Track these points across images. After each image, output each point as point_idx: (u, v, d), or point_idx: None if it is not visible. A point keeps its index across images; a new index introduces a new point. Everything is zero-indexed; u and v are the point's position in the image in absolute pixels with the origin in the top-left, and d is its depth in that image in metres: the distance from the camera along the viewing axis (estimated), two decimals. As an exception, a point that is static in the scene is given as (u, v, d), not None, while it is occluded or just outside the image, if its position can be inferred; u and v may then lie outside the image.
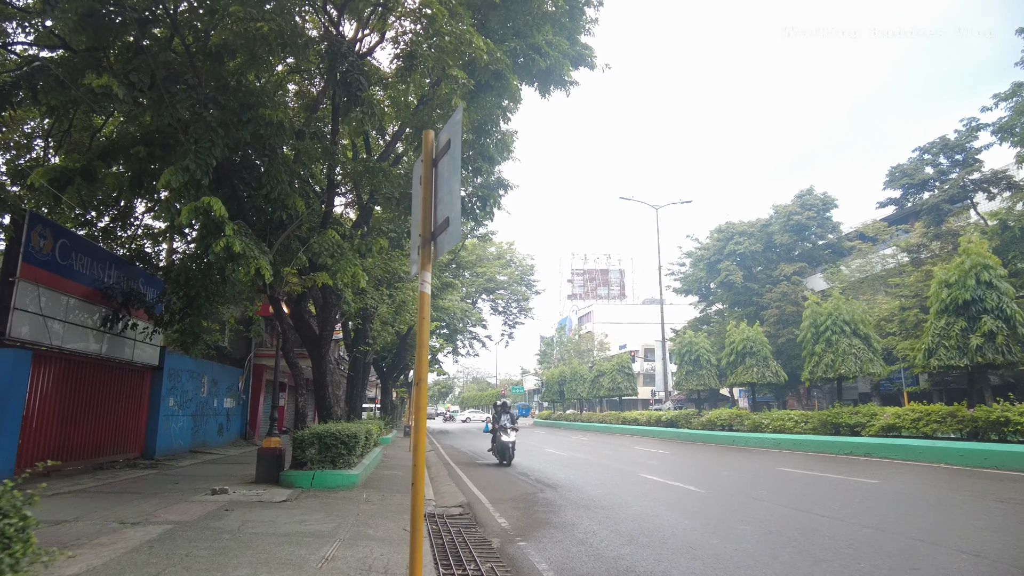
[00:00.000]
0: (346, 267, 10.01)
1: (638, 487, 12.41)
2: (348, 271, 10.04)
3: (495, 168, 24.04)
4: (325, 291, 13.51)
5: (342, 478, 10.98)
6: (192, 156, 8.80)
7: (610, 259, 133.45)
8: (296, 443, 11.08)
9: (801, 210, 46.12)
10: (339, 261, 10.07)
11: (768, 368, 25.34)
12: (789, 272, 44.98)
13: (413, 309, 21.88)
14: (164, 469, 14.28)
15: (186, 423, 18.75)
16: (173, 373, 17.71)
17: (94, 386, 13.67)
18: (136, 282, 14.79)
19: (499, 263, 52.51)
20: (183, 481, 12.01)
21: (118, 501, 9.25)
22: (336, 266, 10.02)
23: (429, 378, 29.16)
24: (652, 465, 16.98)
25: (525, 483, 13.29)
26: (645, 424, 34.88)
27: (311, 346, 13.76)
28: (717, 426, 27.18)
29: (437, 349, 45.32)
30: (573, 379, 49.85)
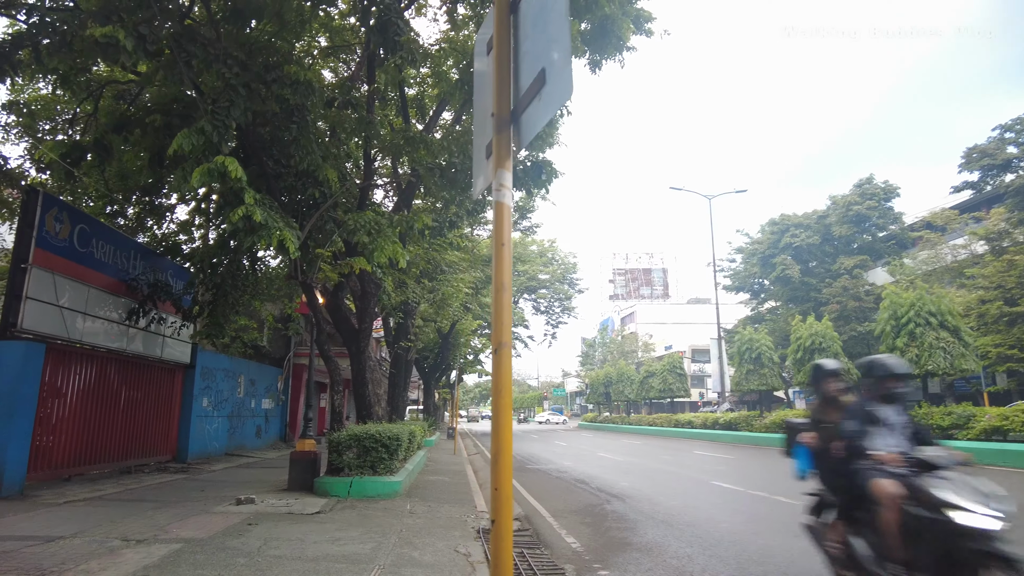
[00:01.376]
0: (384, 244, 8.75)
1: (718, 498, 10.84)
2: (387, 249, 8.78)
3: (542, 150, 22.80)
4: (363, 279, 12.31)
5: (383, 486, 9.71)
6: (208, 117, 7.65)
7: (652, 258, 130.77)
8: (332, 446, 9.87)
9: (861, 200, 43.43)
10: (376, 239, 8.82)
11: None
12: (850, 265, 42.38)
13: (456, 304, 20.64)
14: (194, 474, 13.28)
15: (221, 425, 17.84)
16: (206, 372, 16.79)
17: (120, 385, 12.74)
18: (164, 274, 13.86)
19: (541, 261, 51.10)
20: (211, 487, 10.93)
21: (131, 511, 8.14)
22: (373, 244, 8.77)
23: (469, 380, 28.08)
24: (721, 471, 15.33)
25: (585, 492, 11.83)
26: (700, 427, 32.96)
27: (349, 340, 12.58)
28: (781, 428, 25.18)
29: (479, 349, 44.10)
30: (620, 380, 48.06)
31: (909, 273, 37.12)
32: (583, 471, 15.70)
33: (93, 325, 11.52)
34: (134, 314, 12.54)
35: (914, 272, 37.58)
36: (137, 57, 7.44)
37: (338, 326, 12.77)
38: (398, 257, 9.03)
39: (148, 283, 12.88)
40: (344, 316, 12.82)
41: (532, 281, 49.54)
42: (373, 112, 10.73)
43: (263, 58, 8.77)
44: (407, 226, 9.27)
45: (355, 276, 12.58)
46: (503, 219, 2.15)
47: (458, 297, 18.94)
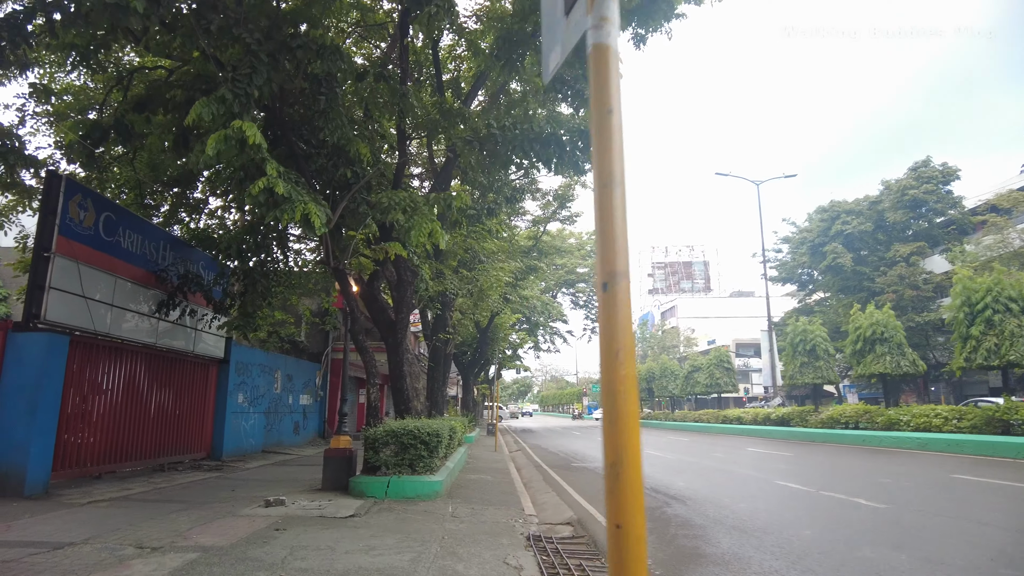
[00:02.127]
0: (421, 223, 7.99)
1: (788, 500, 9.82)
2: (424, 228, 8.02)
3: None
4: (399, 267, 11.62)
5: (422, 486, 8.97)
6: (229, 85, 6.98)
7: (693, 251, 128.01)
8: (368, 443, 9.17)
9: (917, 183, 41.20)
10: (412, 217, 8.07)
11: (904, 356, 21.78)
12: (906, 253, 40.29)
13: (495, 296, 19.86)
14: (228, 472, 12.79)
15: (258, 421, 17.42)
16: (242, 367, 16.36)
17: (151, 380, 12.31)
18: (195, 265, 13.40)
19: (579, 254, 50.03)
20: (242, 487, 10.36)
21: (155, 513, 7.56)
22: (409, 223, 8.02)
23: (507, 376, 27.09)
24: (783, 470, 14.22)
25: (644, 495, 10.91)
26: (751, 423, 31.59)
27: (386, 332, 11.90)
28: (840, 424, 23.81)
29: (518, 344, 43.34)
30: (663, 375, 46.71)
31: (972, 259, 35.01)
32: (633, 469, 14.77)
33: (121, 317, 11.07)
34: (164, 306, 12.08)
35: (977, 258, 35.45)
36: (149, 22, 6.80)
37: (374, 317, 12.11)
38: (437, 237, 8.27)
39: (178, 274, 12.41)
40: (380, 307, 12.15)
41: (571, 275, 48.53)
42: (407, 82, 9.98)
43: (288, 27, 8.09)
44: (445, 205, 8.50)
45: (390, 264, 11.91)
46: (608, 72, 1.30)
47: (498, 288, 18.14)
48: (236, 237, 9.68)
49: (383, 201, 8.19)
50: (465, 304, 22.68)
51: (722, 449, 21.88)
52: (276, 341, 20.53)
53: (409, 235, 8.00)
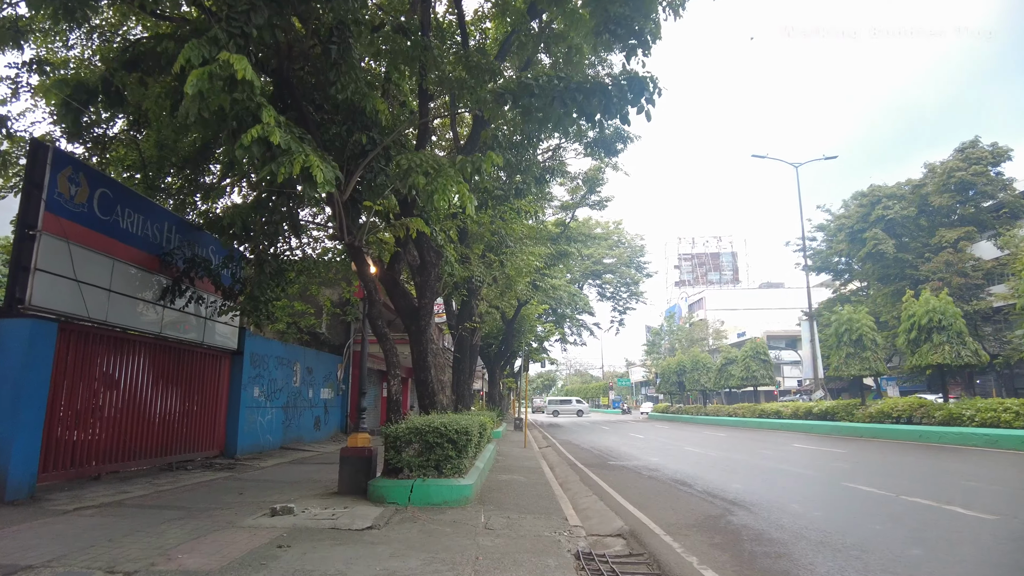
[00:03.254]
0: (446, 185, 6.85)
1: (868, 506, 8.53)
2: (449, 190, 6.87)
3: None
4: (421, 247, 10.53)
5: (450, 491, 7.88)
6: (223, 24, 5.91)
7: (720, 242, 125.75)
8: (389, 442, 8.10)
9: (965, 165, 39.03)
10: (436, 179, 6.94)
11: (964, 346, 20.17)
12: (953, 238, 38.28)
13: (524, 283, 18.71)
14: (241, 471, 11.86)
15: (275, 416, 16.52)
16: (257, 359, 15.44)
17: (156, 372, 11.40)
18: (204, 249, 12.47)
19: (606, 244, 48.69)
20: (252, 489, 9.38)
21: (143, 524, 6.57)
22: (432, 185, 6.89)
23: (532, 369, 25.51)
24: (844, 469, 12.89)
25: (693, 497, 9.71)
26: (790, 417, 30.05)
27: (408, 319, 10.83)
28: (891, 418, 22.25)
29: (543, 337, 42.18)
30: (695, 368, 45.13)
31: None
32: (677, 469, 13.55)
33: (120, 304, 10.12)
34: (169, 293, 11.15)
35: (1033, 243, 33.41)
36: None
37: (395, 303, 11.04)
38: (464, 201, 7.12)
39: (184, 258, 11.46)
40: (402, 291, 11.07)
41: (597, 265, 47.24)
42: (429, 33, 8.84)
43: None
44: (474, 168, 7.35)
45: (412, 245, 10.84)
46: None
47: (527, 274, 16.98)
48: (242, 213, 8.64)
49: (402, 163, 7.07)
50: (491, 293, 21.59)
51: (766, 445, 20.51)
52: (295, 332, 19.64)
53: (432, 200, 6.86)
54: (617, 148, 21.64)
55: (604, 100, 7.29)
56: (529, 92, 7.37)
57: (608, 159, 22.33)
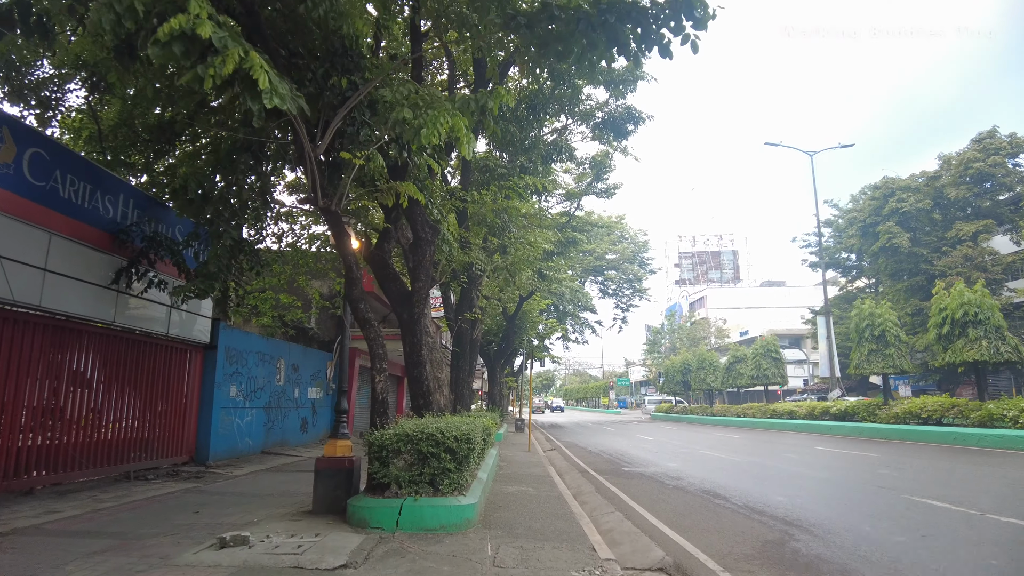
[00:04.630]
0: (438, 118, 5.30)
1: (958, 529, 7.05)
2: (441, 123, 5.32)
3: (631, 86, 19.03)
4: (414, 219, 9.02)
5: (448, 512, 6.38)
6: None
7: (721, 240, 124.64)
8: (373, 452, 6.59)
9: (983, 155, 37.54)
10: (424, 113, 5.42)
11: (1004, 341, 18.71)
12: (971, 231, 36.81)
13: (529, 273, 17.18)
14: (210, 480, 10.35)
15: (256, 418, 14.99)
16: (234, 354, 13.92)
17: (110, 367, 9.90)
18: (171, 228, 10.97)
19: (609, 239, 47.23)
20: (213, 506, 7.87)
21: (50, 561, 5.06)
22: (420, 119, 5.38)
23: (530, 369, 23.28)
24: (893, 477, 11.42)
25: (735, 513, 8.21)
26: (805, 417, 28.61)
27: (400, 306, 9.33)
28: (919, 419, 20.80)
29: (545, 334, 40.64)
30: (700, 367, 43.66)
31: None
32: (703, 477, 12.07)
33: (60, 286, 8.60)
34: (124, 275, 9.63)
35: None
36: None
37: (385, 288, 9.52)
38: (460, 136, 5.57)
39: (143, 236, 9.94)
40: (392, 275, 9.56)
41: (599, 261, 45.81)
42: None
43: None
44: (478, 107, 5.84)
45: (403, 218, 9.33)
46: None
47: (534, 261, 15.44)
48: (198, 174, 7.13)
49: (386, 95, 5.57)
50: (492, 286, 20.04)
51: (787, 447, 19.05)
52: (279, 327, 18.15)
53: (419, 136, 5.32)
54: (628, 130, 20.22)
55: (641, 23, 5.77)
56: (548, 15, 5.85)
57: (617, 142, 20.79)
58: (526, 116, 14.59)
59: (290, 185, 15.64)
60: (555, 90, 17.25)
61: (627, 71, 18.33)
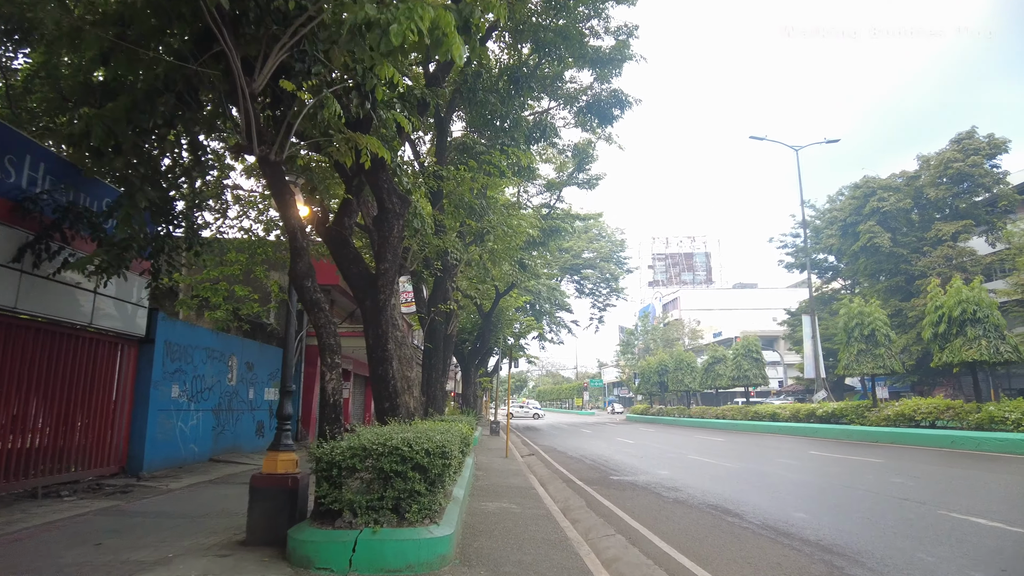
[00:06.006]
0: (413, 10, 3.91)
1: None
2: (420, 14, 3.91)
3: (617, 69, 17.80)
4: (379, 186, 7.59)
5: (417, 547, 4.97)
6: None
7: (694, 242, 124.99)
8: (321, 469, 5.16)
9: (962, 156, 37.22)
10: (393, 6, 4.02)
11: (1004, 341, 17.91)
12: (950, 232, 36.41)
13: (508, 266, 15.83)
14: (135, 497, 8.78)
15: (203, 421, 13.38)
16: (177, 350, 12.31)
17: (13, 364, 8.28)
18: (97, 200, 9.38)
19: (586, 237, 46.19)
20: (123, 534, 6.34)
21: None
22: (388, 16, 3.98)
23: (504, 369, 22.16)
24: (909, 487, 10.31)
25: (758, 536, 6.95)
26: (789, 420, 27.74)
27: (362, 292, 7.90)
28: (912, 422, 19.97)
29: (521, 333, 39.32)
30: (678, 368, 42.74)
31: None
32: (704, 488, 10.83)
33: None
34: (29, 251, 8.03)
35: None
36: None
37: (345, 270, 8.07)
38: (446, 30, 4.15)
39: (55, 206, 8.35)
40: (353, 255, 8.12)
41: (576, 259, 44.75)
42: None
43: None
44: (461, 19, 4.44)
45: (366, 183, 7.90)
46: None
47: (515, 244, 14.06)
48: (106, 118, 5.61)
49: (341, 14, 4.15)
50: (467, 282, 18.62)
51: (779, 452, 18.00)
52: (232, 320, 16.49)
53: (388, 36, 3.92)
54: (613, 115, 18.95)
55: None
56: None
57: (602, 128, 19.55)
58: (508, 90, 13.25)
59: (249, 169, 14.11)
60: (538, 67, 15.98)
61: (614, 49, 17.15)
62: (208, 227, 12.12)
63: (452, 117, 14.54)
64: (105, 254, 6.36)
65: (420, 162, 11.06)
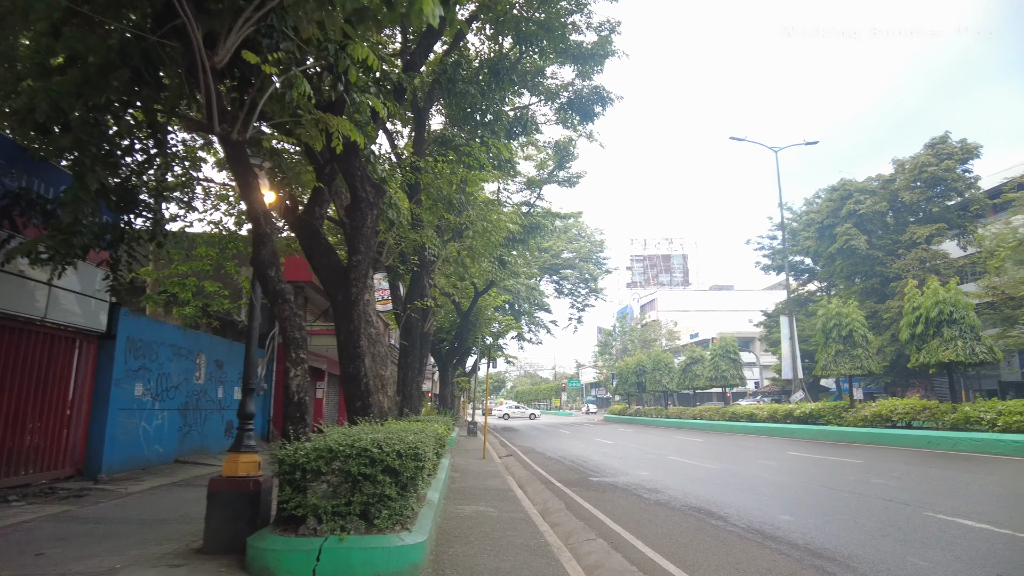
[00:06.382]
0: None
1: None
2: None
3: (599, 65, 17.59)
4: (352, 173, 7.22)
5: (387, 556, 4.63)
6: None
7: (672, 244, 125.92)
8: (284, 472, 4.79)
9: (936, 160, 37.72)
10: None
11: (979, 342, 18.01)
12: (925, 235, 36.86)
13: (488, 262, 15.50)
14: (89, 502, 8.30)
15: (168, 421, 12.86)
16: (140, 346, 11.79)
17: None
18: (52, 187, 8.87)
19: (565, 237, 46.09)
20: (70, 542, 5.91)
21: None
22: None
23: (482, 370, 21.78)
24: (891, 487, 10.16)
25: (744, 540, 6.70)
26: (766, 420, 27.77)
27: (333, 285, 7.52)
28: (889, 422, 20.03)
29: (500, 332, 39.02)
30: (656, 368, 42.72)
31: (1001, 240, 31.62)
32: (685, 490, 10.60)
33: None
34: (-28, 239, 7.53)
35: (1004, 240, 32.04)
36: None
37: (315, 260, 7.68)
38: None
39: (3, 192, 7.84)
40: (324, 247, 7.75)
41: (555, 259, 44.63)
42: None
43: None
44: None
45: (338, 171, 7.53)
46: None
47: (496, 240, 13.73)
48: (52, 92, 5.18)
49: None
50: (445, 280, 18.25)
51: (758, 453, 17.91)
52: (201, 316, 15.94)
53: None
54: (595, 112, 18.72)
55: None
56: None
57: (583, 126, 19.30)
58: (488, 82, 12.93)
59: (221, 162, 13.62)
60: (520, 61, 15.68)
61: (597, 45, 16.94)
62: (176, 220, 11.63)
63: (431, 110, 14.17)
64: (50, 239, 5.90)
65: (398, 154, 10.66)
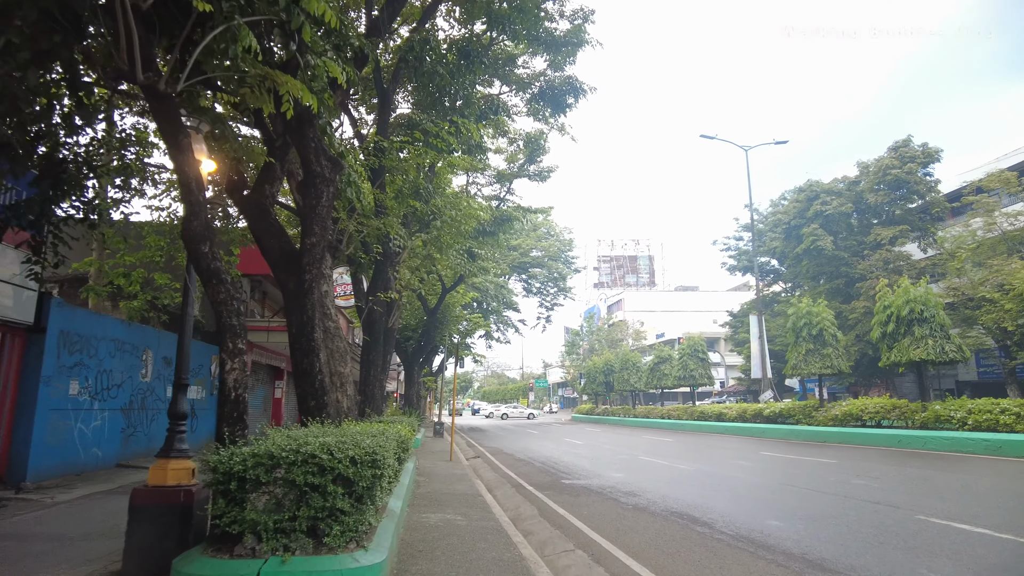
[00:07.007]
0: None
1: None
2: None
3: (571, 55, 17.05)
4: (305, 146, 6.48)
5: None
6: None
7: (638, 245, 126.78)
8: (218, 482, 4.06)
9: (899, 163, 38.24)
10: None
11: (949, 340, 17.98)
12: (889, 236, 37.29)
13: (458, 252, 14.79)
14: (7, 513, 7.43)
15: (109, 422, 11.88)
16: (76, 340, 10.81)
17: None
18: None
19: (534, 235, 45.63)
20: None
21: None
22: None
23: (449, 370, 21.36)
24: (873, 488, 9.80)
25: (735, 548, 6.17)
26: (736, 420, 27.61)
27: (284, 270, 6.77)
28: (859, 421, 19.93)
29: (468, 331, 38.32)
30: (624, 368, 42.48)
31: (960, 243, 32.09)
32: (663, 493, 10.08)
33: None
34: None
35: (963, 242, 32.53)
36: None
37: (263, 242, 6.91)
38: None
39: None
40: (275, 229, 6.98)
41: (524, 258, 44.12)
42: None
43: None
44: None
45: (291, 145, 6.78)
46: None
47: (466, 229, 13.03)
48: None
49: None
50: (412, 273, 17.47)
51: (730, 452, 17.58)
52: (148, 310, 14.95)
53: None
54: (567, 103, 18.18)
55: None
56: None
57: (555, 118, 18.75)
58: (458, 63, 12.26)
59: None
60: (491, 45, 15.05)
61: (570, 33, 16.40)
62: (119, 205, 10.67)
63: (397, 92, 13.43)
64: None
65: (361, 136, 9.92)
